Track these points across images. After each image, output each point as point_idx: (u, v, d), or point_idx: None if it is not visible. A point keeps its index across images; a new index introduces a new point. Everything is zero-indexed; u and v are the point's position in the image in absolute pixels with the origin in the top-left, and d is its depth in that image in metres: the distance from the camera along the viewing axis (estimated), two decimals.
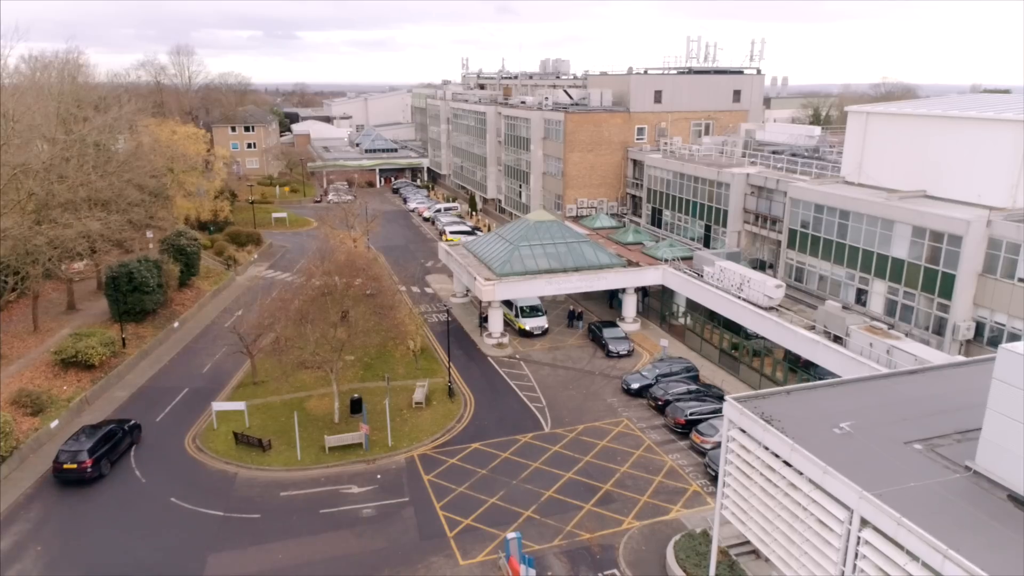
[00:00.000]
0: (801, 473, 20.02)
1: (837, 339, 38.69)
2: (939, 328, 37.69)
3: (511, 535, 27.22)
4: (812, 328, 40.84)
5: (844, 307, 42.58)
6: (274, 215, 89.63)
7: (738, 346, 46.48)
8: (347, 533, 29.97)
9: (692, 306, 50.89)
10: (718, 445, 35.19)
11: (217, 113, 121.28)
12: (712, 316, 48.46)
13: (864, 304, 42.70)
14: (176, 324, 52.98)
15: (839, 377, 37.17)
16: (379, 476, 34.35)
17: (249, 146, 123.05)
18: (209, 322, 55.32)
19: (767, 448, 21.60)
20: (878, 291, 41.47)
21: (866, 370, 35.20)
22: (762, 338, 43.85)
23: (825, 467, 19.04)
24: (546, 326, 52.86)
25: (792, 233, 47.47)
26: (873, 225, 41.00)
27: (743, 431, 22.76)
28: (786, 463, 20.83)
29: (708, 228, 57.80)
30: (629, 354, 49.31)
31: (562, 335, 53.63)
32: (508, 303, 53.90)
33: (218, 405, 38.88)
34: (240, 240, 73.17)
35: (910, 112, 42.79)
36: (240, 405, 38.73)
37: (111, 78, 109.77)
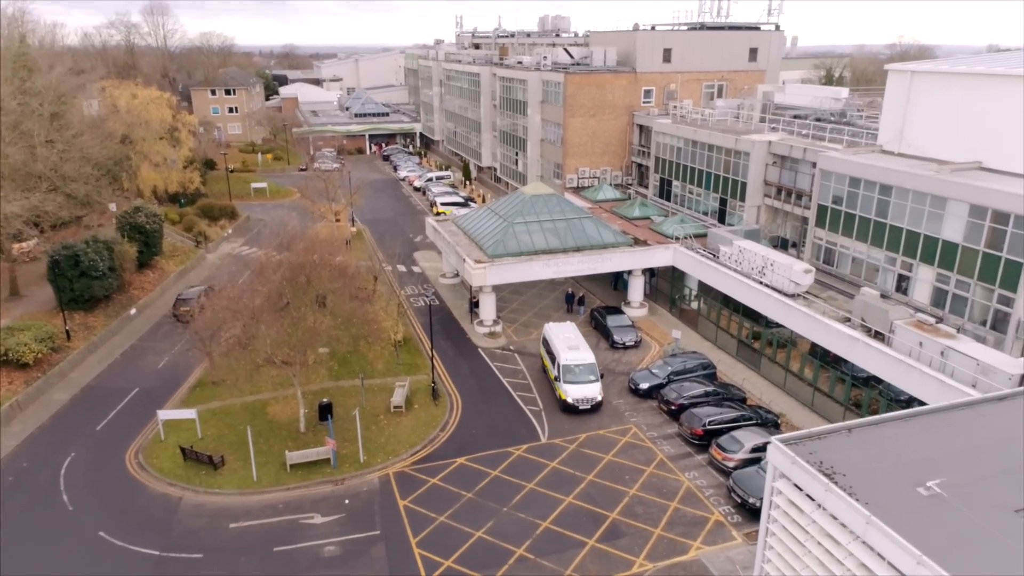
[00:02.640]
0: (882, 558, 14.96)
1: (878, 335, 33.47)
2: (997, 324, 32.45)
3: None
4: (847, 320, 35.60)
5: (882, 295, 37.29)
6: (253, 185, 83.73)
7: (759, 336, 41.23)
8: None
9: (706, 289, 45.56)
10: (743, 463, 30.25)
11: (200, 75, 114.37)
12: (729, 301, 43.16)
13: (906, 292, 37.39)
14: (133, 311, 47.70)
15: (884, 378, 32.30)
16: (347, 501, 29.42)
17: (231, 110, 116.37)
18: (171, 308, 49.96)
19: (831, 515, 16.49)
20: (924, 278, 36.11)
21: (915, 376, 30.04)
22: (787, 327, 38.67)
23: (919, 556, 13.96)
24: (599, 397, 36.31)
25: (822, 209, 41.91)
26: (920, 202, 35.47)
27: (796, 486, 17.64)
28: (856, 536, 15.76)
29: (723, 202, 52.16)
30: (636, 345, 44.13)
31: (562, 322, 48.27)
32: (547, 347, 40.24)
33: (165, 414, 33.79)
34: (213, 214, 67.51)
35: (964, 70, 36.88)
36: (190, 413, 33.65)
37: (83, 39, 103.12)
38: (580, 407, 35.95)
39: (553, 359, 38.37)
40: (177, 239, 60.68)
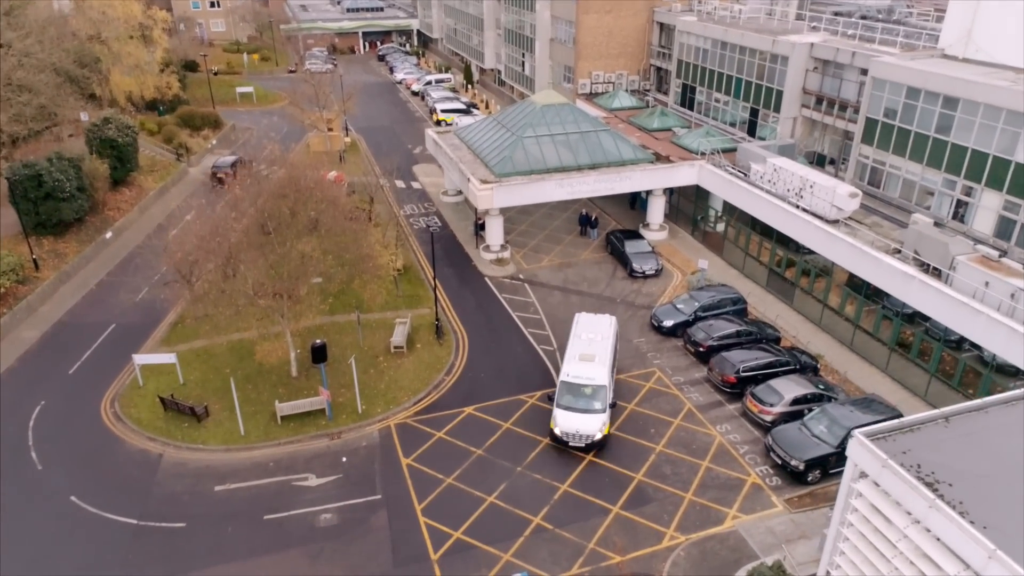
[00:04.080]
0: None
1: (935, 272, 29.80)
2: None
3: None
4: (898, 252, 31.85)
5: (936, 223, 33.40)
6: (239, 90, 77.64)
7: (794, 265, 37.49)
8: (297, 555, 22.57)
9: (733, 211, 41.45)
10: (782, 418, 27.27)
11: None
12: (759, 225, 39.15)
13: (963, 220, 33.45)
14: (109, 234, 43.82)
15: (943, 322, 28.66)
16: (344, 459, 26.67)
17: (212, 4, 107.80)
18: (152, 229, 45.94)
19: (936, 537, 13.37)
20: (988, 205, 32.06)
21: (981, 321, 26.54)
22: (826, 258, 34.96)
23: None
24: (599, 435, 26.36)
25: (871, 123, 37.25)
26: (993, 118, 30.93)
27: (884, 492, 14.48)
28: (972, 571, 12.71)
29: (754, 112, 47.19)
30: (657, 274, 40.50)
31: (574, 246, 44.60)
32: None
33: (141, 358, 30.59)
34: (194, 123, 62.20)
35: None
36: (170, 357, 30.45)
37: None
38: (571, 444, 26.58)
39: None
40: (156, 152, 55.90)
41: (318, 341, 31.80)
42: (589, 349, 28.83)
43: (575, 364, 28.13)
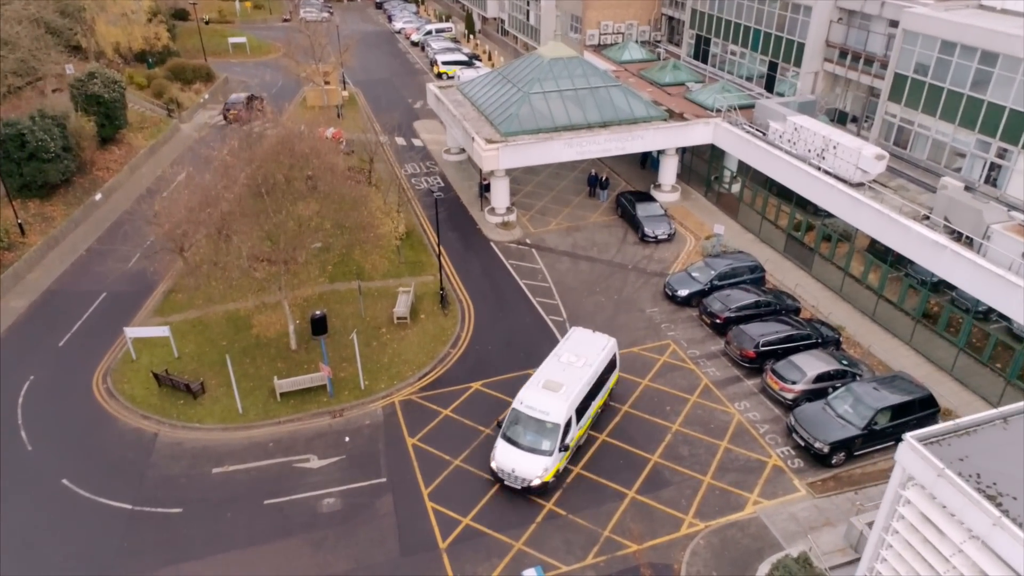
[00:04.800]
0: None
1: (967, 240, 28.24)
2: None
3: (530, 573, 18.94)
4: (926, 219, 30.25)
5: (967, 187, 31.70)
6: (231, 40, 74.53)
7: (814, 230, 35.85)
8: (299, 543, 21.60)
9: (749, 171, 39.58)
10: (804, 396, 26.06)
11: None
12: (777, 187, 37.37)
13: (996, 184, 31.75)
14: (98, 196, 42.04)
15: (978, 296, 27.11)
16: (347, 439, 25.57)
17: None
18: (144, 190, 43.99)
19: (997, 556, 12.18)
20: None
21: (1019, 295, 25.11)
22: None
23: None
24: (537, 481, 22.36)
25: (900, 79, 35.19)
26: None
27: (941, 504, 13.24)
28: None
29: (773, 67, 44.90)
30: (669, 239, 38.88)
31: (582, 208, 42.87)
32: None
33: (133, 331, 29.24)
34: (185, 76, 59.65)
35: None
36: (163, 331, 29.10)
37: None
38: (506, 483, 22.72)
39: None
40: (146, 107, 53.60)
41: (318, 312, 30.38)
42: (560, 376, 23.97)
43: (534, 391, 23.55)
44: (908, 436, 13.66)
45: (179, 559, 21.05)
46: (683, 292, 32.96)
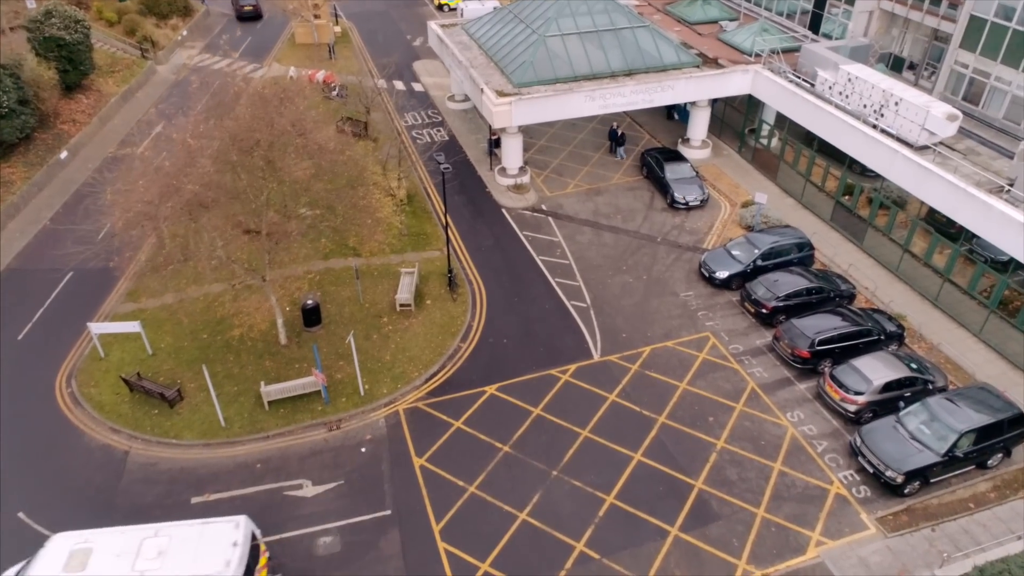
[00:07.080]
0: None
1: None
2: None
3: None
4: (1006, 191, 26.25)
5: None
6: None
7: (868, 196, 31.72)
8: None
9: (791, 125, 35.15)
10: (868, 407, 22.68)
11: None
12: (824, 145, 33.12)
13: None
14: (63, 154, 37.68)
15: None
16: (345, 460, 22.34)
17: None
18: (117, 144, 39.86)
19: None
20: None
21: None
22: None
23: None
24: None
25: (976, 23, 30.51)
26: None
27: None
28: None
29: (819, 3, 39.72)
30: (702, 204, 34.83)
31: (603, 166, 38.58)
32: None
33: (98, 327, 25.63)
34: (160, 9, 53.95)
35: None
36: (133, 326, 25.49)
37: None
38: None
39: None
40: (116, 47, 48.39)
41: (310, 301, 27.05)
42: None
43: None
44: None
45: None
46: (722, 274, 29.16)
